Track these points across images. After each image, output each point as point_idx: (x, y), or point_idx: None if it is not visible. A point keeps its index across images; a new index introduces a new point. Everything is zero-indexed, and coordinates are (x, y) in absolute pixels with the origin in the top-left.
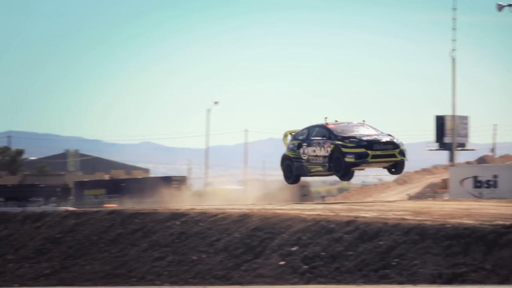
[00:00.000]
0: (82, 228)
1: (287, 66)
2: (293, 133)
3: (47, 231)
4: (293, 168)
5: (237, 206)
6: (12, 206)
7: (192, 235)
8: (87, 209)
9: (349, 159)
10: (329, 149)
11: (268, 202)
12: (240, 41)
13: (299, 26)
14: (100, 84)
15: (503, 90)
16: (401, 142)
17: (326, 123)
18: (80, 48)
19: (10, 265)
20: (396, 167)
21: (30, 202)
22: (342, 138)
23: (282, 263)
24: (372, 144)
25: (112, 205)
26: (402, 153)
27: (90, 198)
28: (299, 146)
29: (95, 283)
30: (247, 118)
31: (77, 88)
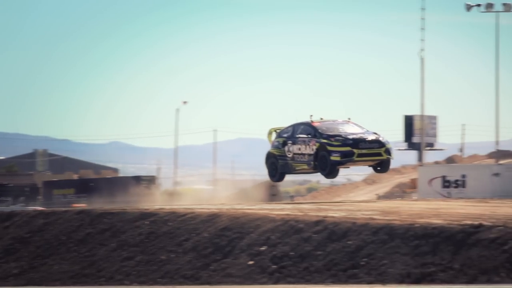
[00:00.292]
0: (51, 228)
1: (278, 66)
2: (278, 131)
3: (16, 231)
4: (278, 166)
5: (206, 206)
6: None
7: (161, 235)
8: (56, 209)
9: (335, 158)
10: (315, 147)
11: (237, 202)
12: (240, 41)
13: (299, 26)
14: (69, 84)
15: (472, 90)
16: (387, 141)
17: (312, 121)
18: (76, 48)
19: None
20: (382, 166)
21: None
22: (328, 137)
23: (251, 263)
24: (358, 143)
25: (81, 205)
26: (388, 152)
27: (59, 198)
28: (284, 144)
29: (64, 283)
30: (216, 118)
31: (46, 88)
